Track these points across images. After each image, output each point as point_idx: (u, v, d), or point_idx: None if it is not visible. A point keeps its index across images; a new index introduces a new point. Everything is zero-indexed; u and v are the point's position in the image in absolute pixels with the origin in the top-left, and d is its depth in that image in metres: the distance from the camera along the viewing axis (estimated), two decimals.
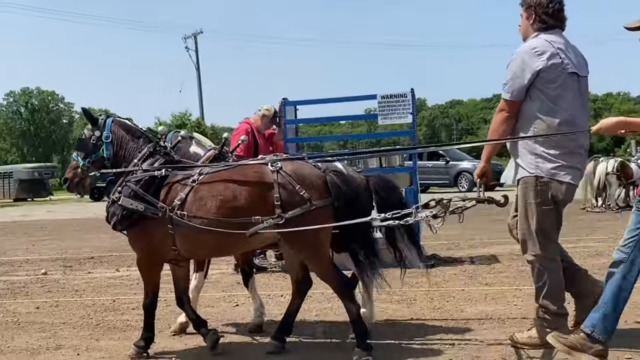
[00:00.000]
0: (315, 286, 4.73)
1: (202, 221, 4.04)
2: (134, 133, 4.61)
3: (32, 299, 6.70)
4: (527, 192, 4.02)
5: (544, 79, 3.97)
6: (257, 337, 4.79)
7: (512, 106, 4.08)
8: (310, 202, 3.94)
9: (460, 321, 4.98)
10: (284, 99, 7.90)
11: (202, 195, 4.13)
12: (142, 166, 4.34)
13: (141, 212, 4.17)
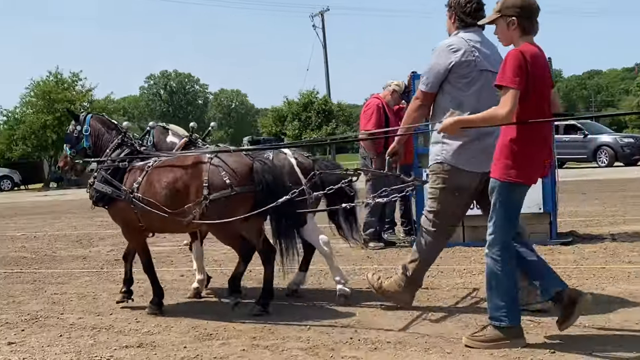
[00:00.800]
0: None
1: (150, 201, 4.77)
2: (109, 126, 5.41)
3: (176, 267, 7.13)
4: (434, 178, 4.39)
5: (456, 74, 4.30)
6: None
7: (426, 97, 4.48)
8: (232, 188, 4.56)
9: (602, 300, 4.73)
10: (413, 73, 7.80)
11: (152, 179, 4.86)
12: (111, 155, 5.15)
13: (109, 195, 4.98)
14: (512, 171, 3.69)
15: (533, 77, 3.64)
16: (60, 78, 41.51)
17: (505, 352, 3.62)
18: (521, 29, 3.78)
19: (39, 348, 4.19)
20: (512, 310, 3.77)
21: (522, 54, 3.65)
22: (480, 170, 4.21)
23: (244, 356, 3.82)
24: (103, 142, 5.29)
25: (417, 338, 4.00)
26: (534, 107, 3.68)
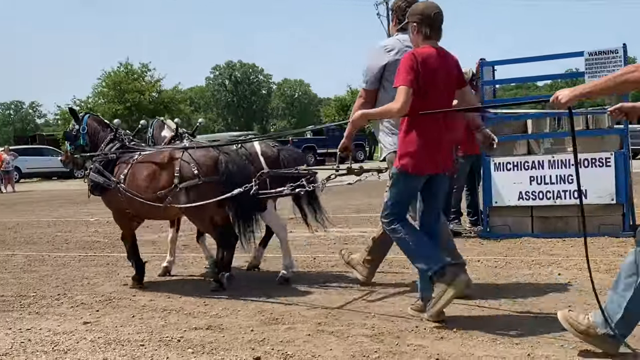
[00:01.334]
0: None
1: (133, 191, 5.40)
2: (104, 125, 6.07)
3: (241, 252, 7.23)
4: (390, 167, 4.49)
5: (390, 72, 4.49)
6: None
7: (367, 94, 4.79)
8: (199, 177, 5.11)
9: None
10: (481, 60, 7.67)
11: (135, 171, 5.48)
12: (104, 150, 5.80)
13: (101, 184, 5.61)
14: (403, 160, 4.11)
15: (425, 76, 4.01)
16: (131, 69, 42.72)
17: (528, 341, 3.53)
18: (423, 34, 4.18)
19: (112, 328, 4.34)
20: (434, 256, 4.14)
21: (414, 56, 4.06)
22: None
23: (310, 341, 3.86)
24: (98, 138, 5.95)
25: (484, 328, 3.95)
26: (429, 104, 4.04)
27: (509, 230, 7.47)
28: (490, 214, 7.61)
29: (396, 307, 4.56)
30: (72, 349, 3.89)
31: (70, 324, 4.48)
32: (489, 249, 6.77)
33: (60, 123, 40.86)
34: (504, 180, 7.48)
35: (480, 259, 6.20)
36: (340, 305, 4.70)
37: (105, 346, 3.92)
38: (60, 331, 4.30)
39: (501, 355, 3.47)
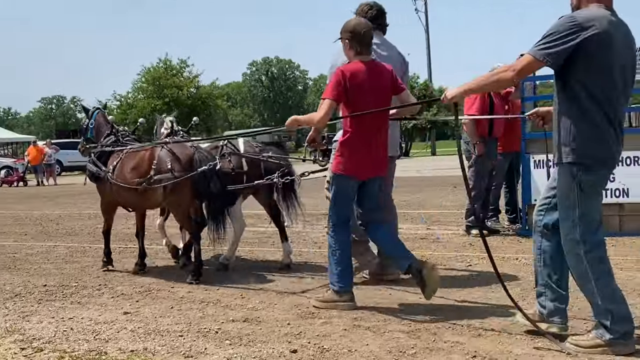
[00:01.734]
0: None
1: (119, 181, 5.88)
2: (107, 121, 6.63)
3: (277, 247, 7.28)
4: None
5: None
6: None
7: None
8: (172, 172, 5.51)
9: None
10: (521, 55, 7.54)
11: (122, 164, 5.94)
12: (102, 142, 6.39)
13: (95, 174, 6.19)
14: (339, 165, 4.50)
15: (353, 89, 4.39)
16: (169, 65, 43.25)
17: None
18: (354, 50, 4.51)
19: (152, 318, 4.42)
20: (344, 277, 4.52)
21: (342, 72, 4.44)
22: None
23: (346, 336, 3.87)
24: (101, 133, 6.51)
25: (523, 327, 3.91)
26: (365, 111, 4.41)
27: None
28: (529, 212, 7.50)
29: (433, 303, 4.54)
30: (113, 338, 3.97)
31: (111, 314, 4.57)
32: (528, 247, 6.66)
33: None
34: (544, 178, 7.35)
35: (519, 257, 6.14)
36: (377, 300, 4.70)
37: (145, 336, 3.99)
38: (102, 321, 4.40)
39: (539, 354, 3.43)
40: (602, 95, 3.36)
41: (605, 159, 3.45)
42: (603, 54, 3.32)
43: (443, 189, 14.79)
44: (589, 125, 3.37)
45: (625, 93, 3.49)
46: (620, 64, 3.38)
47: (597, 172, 3.45)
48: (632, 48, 3.50)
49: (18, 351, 3.79)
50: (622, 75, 3.41)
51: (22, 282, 5.80)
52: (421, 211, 10.39)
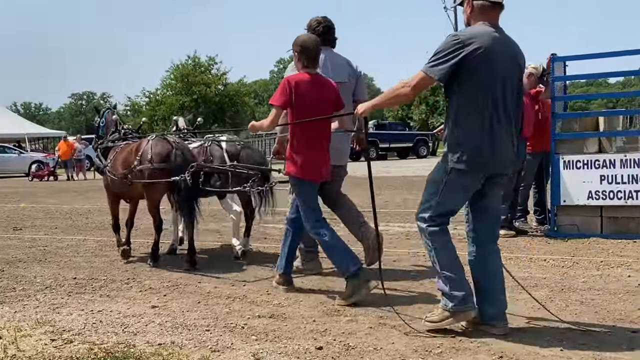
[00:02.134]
0: None
1: (112, 174, 6.48)
2: (115, 119, 7.21)
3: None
4: None
5: None
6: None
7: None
8: (152, 163, 6.04)
9: None
10: (552, 55, 7.47)
11: (116, 157, 6.53)
12: (107, 138, 7.05)
13: (99, 167, 6.97)
14: (290, 169, 4.84)
15: (297, 98, 4.70)
16: (198, 62, 43.53)
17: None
18: (302, 63, 4.89)
19: (179, 312, 4.47)
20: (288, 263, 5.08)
21: (288, 81, 4.79)
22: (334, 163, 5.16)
23: (371, 334, 3.87)
24: (110, 130, 7.11)
25: (550, 328, 3.88)
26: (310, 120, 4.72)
27: (577, 230, 7.27)
28: (558, 213, 7.43)
29: None
30: (141, 331, 4.03)
31: (139, 307, 4.63)
32: (556, 249, 6.62)
33: (129, 114, 42.01)
34: (573, 179, 7.29)
35: (547, 258, 6.07)
36: (403, 300, 4.69)
37: (173, 330, 4.04)
38: (130, 314, 4.46)
39: (567, 356, 3.40)
40: (484, 104, 3.70)
41: (480, 163, 3.77)
42: (484, 68, 3.67)
43: None
44: (469, 130, 3.73)
45: (510, 102, 3.79)
46: (502, 77, 3.72)
47: (462, 173, 3.79)
48: (516, 62, 3.84)
49: (48, 342, 3.86)
50: (504, 87, 3.73)
51: (53, 275, 5.90)
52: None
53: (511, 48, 3.82)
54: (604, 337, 3.70)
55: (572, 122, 7.62)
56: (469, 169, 3.76)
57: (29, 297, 5.09)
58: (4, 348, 3.74)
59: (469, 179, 3.83)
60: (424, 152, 43.13)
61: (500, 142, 3.77)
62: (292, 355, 3.50)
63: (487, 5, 3.78)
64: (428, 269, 5.72)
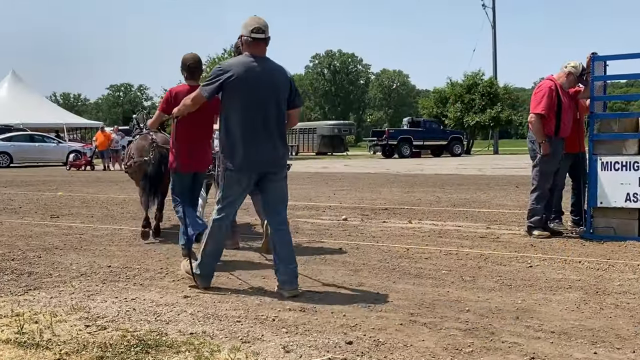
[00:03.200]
0: None
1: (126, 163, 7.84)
2: (141, 118, 8.16)
3: (336, 240, 7.33)
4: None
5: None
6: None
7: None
8: (133, 157, 7.48)
9: None
10: (593, 54, 7.33)
11: (127, 151, 7.97)
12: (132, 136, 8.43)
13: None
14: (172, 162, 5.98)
15: (176, 105, 5.46)
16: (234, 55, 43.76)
17: None
18: (184, 75, 6.23)
19: (211, 303, 4.51)
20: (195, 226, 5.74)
21: (170, 92, 6.17)
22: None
23: (402, 330, 3.86)
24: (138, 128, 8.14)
25: (584, 331, 3.82)
26: (185, 123, 5.58)
27: (613, 233, 7.14)
28: (594, 215, 7.31)
29: (492, 303, 4.48)
30: (173, 320, 4.08)
31: (172, 297, 4.69)
32: (592, 251, 6.51)
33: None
34: (611, 181, 7.16)
35: (582, 260, 5.98)
36: (434, 297, 4.66)
37: (204, 320, 4.08)
38: (163, 303, 4.52)
39: (600, 359, 3.34)
40: (243, 118, 4.69)
41: (238, 165, 4.72)
42: (240, 90, 4.67)
43: (504, 188, 14.53)
44: (231, 141, 4.72)
45: (270, 116, 4.73)
46: (257, 97, 4.68)
47: (234, 172, 4.74)
48: (275, 86, 4.75)
49: (83, 328, 3.93)
50: (260, 105, 4.70)
51: (88, 263, 6.01)
52: (482, 210, 10.24)
53: (269, 75, 4.74)
54: (639, 341, 3.63)
55: (611, 122, 7.47)
56: (235, 168, 4.72)
57: (65, 283, 5.19)
58: (40, 332, 3.83)
59: (238, 176, 4.75)
60: (458, 150, 42.82)
61: (258, 148, 4.70)
62: (322, 349, 3.51)
63: (249, 40, 4.74)
64: (460, 266, 5.69)
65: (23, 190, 15.37)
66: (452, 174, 21.19)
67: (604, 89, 7.83)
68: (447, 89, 50.56)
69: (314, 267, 5.75)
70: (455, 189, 14.42)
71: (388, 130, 44.47)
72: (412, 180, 17.56)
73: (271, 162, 4.80)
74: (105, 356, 3.39)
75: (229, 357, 3.36)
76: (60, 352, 3.46)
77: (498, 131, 53.46)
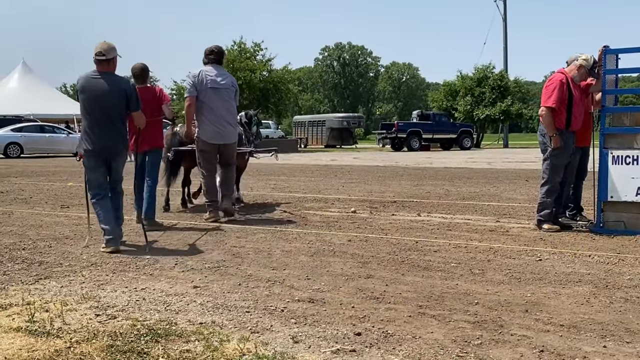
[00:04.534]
0: None
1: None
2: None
3: (344, 232, 7.33)
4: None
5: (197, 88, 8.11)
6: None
7: (191, 99, 8.12)
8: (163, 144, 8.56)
9: None
10: (605, 47, 7.28)
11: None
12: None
13: None
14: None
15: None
16: (244, 48, 43.70)
17: None
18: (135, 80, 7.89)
19: (220, 293, 4.53)
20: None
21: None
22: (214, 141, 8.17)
23: (410, 322, 3.86)
24: None
25: (593, 324, 3.81)
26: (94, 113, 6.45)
27: (623, 227, 7.11)
28: (604, 209, 7.27)
29: (501, 296, 4.48)
30: (182, 310, 4.10)
31: (181, 287, 4.71)
32: (602, 245, 6.48)
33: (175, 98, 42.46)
34: (622, 175, 7.12)
35: (592, 254, 5.96)
36: (443, 290, 4.66)
37: (214, 310, 4.10)
38: (172, 293, 4.54)
39: (610, 353, 3.34)
40: (90, 115, 6.32)
41: (92, 149, 6.29)
42: (85, 96, 6.31)
43: (514, 181, 14.48)
44: (86, 129, 6.35)
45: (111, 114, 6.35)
46: (99, 101, 6.27)
47: (90, 157, 6.32)
48: (112, 92, 6.31)
49: (93, 317, 3.96)
50: (102, 106, 6.28)
51: (98, 253, 6.05)
52: (491, 203, 10.21)
53: (107, 85, 6.29)
54: None
55: (623, 116, 7.42)
56: (88, 153, 6.30)
57: (75, 273, 5.23)
58: (51, 321, 3.86)
59: (93, 159, 6.32)
60: (467, 144, 42.69)
61: (103, 137, 6.27)
62: (330, 340, 3.52)
63: (95, 59, 6.33)
64: (469, 259, 5.68)
65: (33, 181, 15.46)
66: (462, 167, 21.12)
67: (616, 83, 7.76)
68: (457, 82, 50.35)
69: (322, 259, 5.75)
70: (464, 183, 14.38)
71: (397, 123, 44.37)
72: (421, 173, 17.52)
73: (113, 147, 6.40)
74: (115, 345, 3.41)
75: (238, 347, 3.38)
76: (70, 341, 3.49)
77: (508, 125, 53.19)
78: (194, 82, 8.00)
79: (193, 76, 8.09)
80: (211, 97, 8.00)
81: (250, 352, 3.32)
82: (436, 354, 3.32)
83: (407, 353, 3.33)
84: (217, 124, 8.04)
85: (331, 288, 4.70)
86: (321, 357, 3.27)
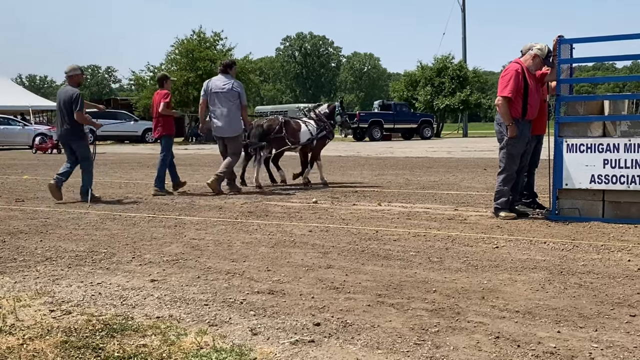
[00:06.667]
0: None
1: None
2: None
3: (305, 222, 7.33)
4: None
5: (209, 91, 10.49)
6: None
7: (204, 101, 10.57)
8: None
9: None
10: (559, 37, 7.39)
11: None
12: None
13: None
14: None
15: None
16: (203, 37, 43.22)
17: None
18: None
19: (178, 286, 4.48)
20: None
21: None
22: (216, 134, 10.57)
23: (369, 311, 3.88)
24: None
25: (548, 310, 3.88)
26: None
27: (578, 214, 7.26)
28: (559, 196, 7.41)
29: (458, 283, 4.53)
30: (139, 304, 4.05)
31: (139, 281, 4.65)
32: (557, 232, 6.61)
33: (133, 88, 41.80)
34: (576, 163, 7.26)
35: (547, 240, 6.07)
36: (402, 279, 4.69)
37: (171, 303, 4.05)
38: (129, 287, 4.48)
39: (564, 338, 3.40)
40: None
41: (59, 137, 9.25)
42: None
43: (473, 170, 14.67)
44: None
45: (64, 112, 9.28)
46: (59, 104, 9.22)
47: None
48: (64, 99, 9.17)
49: (47, 313, 3.88)
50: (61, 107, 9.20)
51: (53, 247, 5.93)
52: (450, 192, 10.32)
53: (63, 94, 9.23)
54: (602, 320, 3.71)
55: (577, 105, 7.57)
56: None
57: (29, 268, 5.11)
58: (3, 317, 3.76)
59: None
60: (428, 133, 43.05)
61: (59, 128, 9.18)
62: (289, 331, 3.52)
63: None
64: (427, 248, 5.73)
65: None
66: (422, 156, 21.30)
67: (571, 72, 7.90)
68: (418, 73, 50.71)
69: (283, 250, 5.74)
70: (424, 172, 14.51)
71: (359, 113, 44.49)
72: (383, 163, 17.62)
73: (68, 136, 9.36)
74: (70, 341, 3.35)
75: (195, 341, 3.34)
76: (23, 337, 3.41)
77: (467, 114, 53.84)
78: (205, 89, 10.51)
79: (205, 84, 10.59)
80: (213, 99, 10.38)
81: (208, 346, 3.29)
82: (394, 342, 3.34)
83: (365, 342, 3.34)
84: (216, 120, 10.41)
85: (291, 279, 4.69)
86: (280, 349, 3.26)
